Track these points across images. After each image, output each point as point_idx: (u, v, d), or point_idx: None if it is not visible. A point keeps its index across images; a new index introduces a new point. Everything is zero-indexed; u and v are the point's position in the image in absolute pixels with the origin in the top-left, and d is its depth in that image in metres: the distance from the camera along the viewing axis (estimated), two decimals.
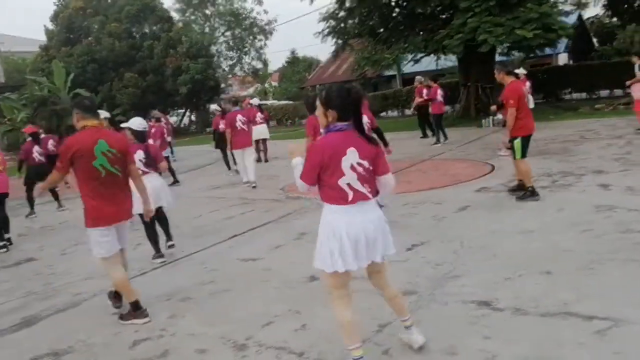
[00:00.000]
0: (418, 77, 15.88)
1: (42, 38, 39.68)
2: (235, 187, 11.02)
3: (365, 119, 5.35)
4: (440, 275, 4.73)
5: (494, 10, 16.50)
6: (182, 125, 39.45)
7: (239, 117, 10.66)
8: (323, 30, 23.84)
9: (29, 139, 10.61)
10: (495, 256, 5.03)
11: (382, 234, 3.23)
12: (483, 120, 17.21)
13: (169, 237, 6.61)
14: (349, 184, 3.12)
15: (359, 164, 3.14)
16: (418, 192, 8.37)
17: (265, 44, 42.55)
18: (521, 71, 14.74)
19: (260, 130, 14.24)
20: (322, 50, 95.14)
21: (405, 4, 19.57)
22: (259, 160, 13.84)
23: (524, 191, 7.04)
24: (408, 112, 25.14)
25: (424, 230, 6.21)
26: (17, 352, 4.25)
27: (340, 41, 23.75)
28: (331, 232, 3.13)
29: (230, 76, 43.39)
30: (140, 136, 6.31)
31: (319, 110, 3.24)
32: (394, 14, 20.45)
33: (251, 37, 41.87)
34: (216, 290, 5.10)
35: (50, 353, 4.13)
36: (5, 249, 7.80)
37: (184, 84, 33.93)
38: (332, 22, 23.21)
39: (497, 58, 20.97)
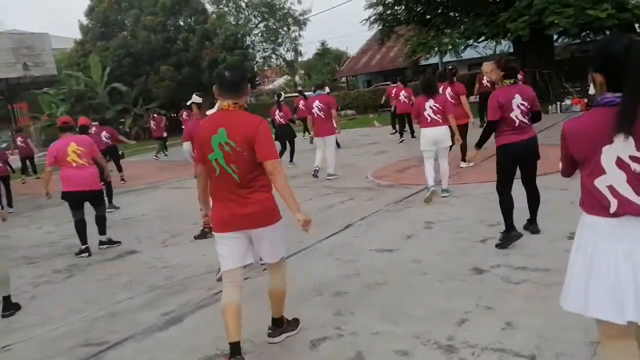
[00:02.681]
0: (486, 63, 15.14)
1: (71, 35, 39.62)
2: (311, 176, 10.45)
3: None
4: None
5: None
6: None
7: (317, 103, 10.15)
8: (370, 18, 23.36)
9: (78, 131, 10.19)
10: None
11: None
12: (550, 107, 16.51)
13: None
14: (611, 187, 2.21)
15: (634, 159, 2.16)
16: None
17: (299, 35, 42.00)
18: None
19: None
20: (351, 42, 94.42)
21: None
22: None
23: None
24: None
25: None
26: (181, 352, 3.82)
27: (386, 28, 23.26)
28: (586, 258, 2.26)
29: (266, 68, 42.94)
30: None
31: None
32: None
33: (285, 28, 41.33)
34: (369, 284, 4.62)
35: (220, 354, 3.69)
36: (87, 254, 6.85)
37: None
38: (380, 9, 22.70)
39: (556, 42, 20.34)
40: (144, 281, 5.52)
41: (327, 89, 13.45)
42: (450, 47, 18.03)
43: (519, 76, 13.62)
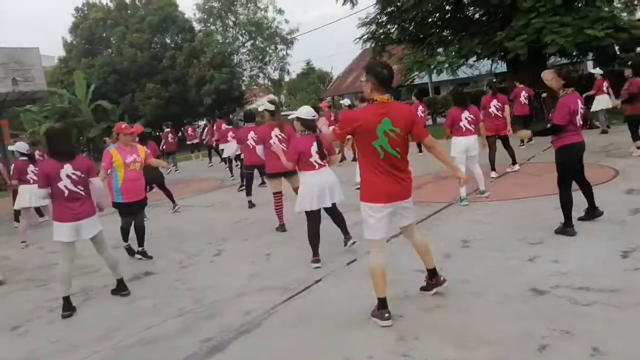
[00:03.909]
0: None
1: (51, 53, 38.97)
2: None
3: None
4: None
5: (559, 10, 15.87)
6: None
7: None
8: (362, 36, 23.32)
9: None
10: None
11: None
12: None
13: (346, 234, 6.16)
14: None
15: None
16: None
17: (287, 54, 41.98)
18: (597, 71, 14.17)
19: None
20: (335, 62, 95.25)
21: (460, 6, 19.01)
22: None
23: None
24: (440, 120, 24.55)
25: (621, 234, 5.48)
26: None
27: (379, 47, 23.24)
28: None
29: (254, 87, 42.76)
30: (310, 126, 5.79)
31: None
32: (446, 17, 19.89)
33: (273, 47, 41.27)
34: (424, 306, 4.33)
35: None
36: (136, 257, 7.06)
37: (209, 94, 33.29)
38: (373, 27, 22.69)
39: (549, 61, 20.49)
40: (171, 304, 5.15)
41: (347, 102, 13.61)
42: (447, 65, 17.99)
43: (527, 94, 13.76)
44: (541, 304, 4.07)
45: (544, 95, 15.13)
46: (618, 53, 37.03)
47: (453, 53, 18.41)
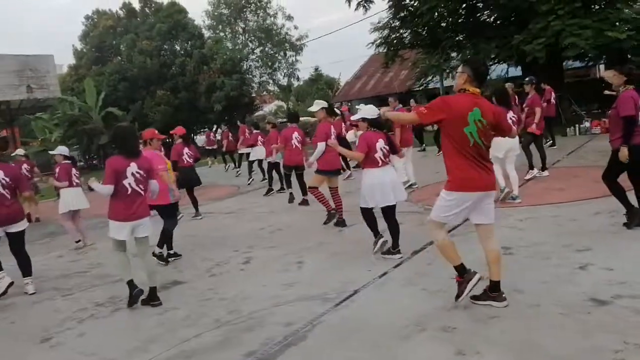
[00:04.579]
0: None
1: (61, 61, 39.06)
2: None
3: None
4: None
5: (578, 13, 15.67)
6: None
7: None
8: (375, 41, 23.21)
9: (179, 140, 9.82)
10: None
11: None
12: (567, 129, 16.24)
13: (397, 246, 5.99)
14: None
15: None
16: (592, 199, 7.40)
17: (296, 60, 41.88)
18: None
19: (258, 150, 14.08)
20: (342, 68, 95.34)
21: (474, 11, 18.84)
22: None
23: None
24: None
25: None
26: None
27: (391, 52, 23.11)
28: None
29: (264, 93, 42.67)
30: (377, 124, 5.80)
31: None
32: (459, 22, 19.72)
33: (282, 53, 41.18)
34: (479, 317, 4.10)
35: None
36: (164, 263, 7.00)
37: (219, 101, 33.19)
38: (386, 32, 22.56)
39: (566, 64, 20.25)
40: (206, 315, 4.95)
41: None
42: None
43: (555, 95, 13.51)
44: (606, 316, 3.84)
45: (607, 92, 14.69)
46: (630, 57, 36.88)
47: (469, 57, 18.21)
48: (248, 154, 15.30)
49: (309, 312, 4.66)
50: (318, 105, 8.27)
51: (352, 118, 6.16)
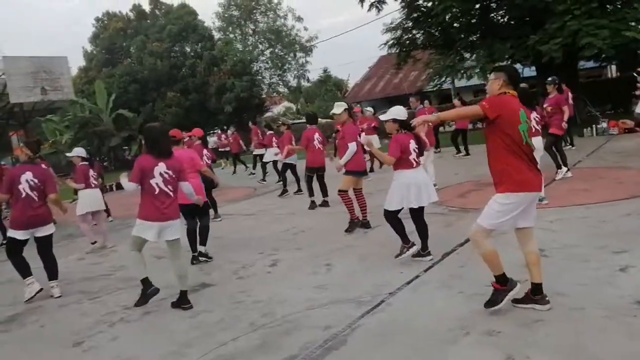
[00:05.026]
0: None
1: (70, 64, 39.14)
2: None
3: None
4: None
5: (594, 13, 15.55)
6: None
7: None
8: (387, 42, 23.14)
9: (198, 142, 9.76)
10: None
11: None
12: (584, 130, 16.11)
13: (426, 247, 5.94)
14: None
15: None
16: (620, 200, 7.32)
17: (306, 61, 41.87)
18: None
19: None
20: (351, 70, 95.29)
21: (488, 11, 18.74)
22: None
23: None
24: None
25: None
26: None
27: (404, 53, 23.04)
28: None
29: (274, 94, 42.69)
30: (406, 125, 5.72)
31: None
32: (472, 22, 19.63)
33: (292, 54, 41.18)
34: (523, 321, 4.02)
35: None
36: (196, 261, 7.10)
37: (229, 102, 33.22)
38: (398, 33, 22.49)
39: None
40: (239, 318, 4.89)
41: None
42: (478, 70, 17.70)
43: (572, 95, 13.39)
44: None
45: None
46: None
47: (484, 58, 18.12)
48: (262, 155, 15.38)
49: (345, 315, 4.60)
50: (340, 107, 8.18)
51: (382, 118, 6.06)
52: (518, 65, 20.15)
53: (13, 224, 6.22)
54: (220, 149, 23.98)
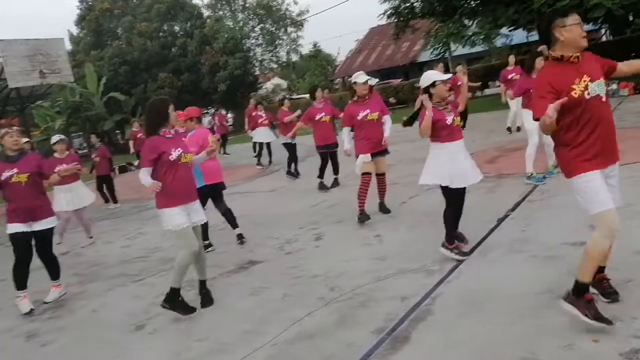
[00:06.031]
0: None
1: None
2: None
3: None
4: None
5: None
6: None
7: None
8: (386, 12, 22.81)
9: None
10: None
11: None
12: None
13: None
14: None
15: None
16: None
17: (298, 36, 41.27)
18: None
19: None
20: (342, 43, 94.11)
21: None
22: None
23: None
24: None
25: None
26: None
27: (402, 22, 22.76)
28: None
29: (267, 71, 42.13)
30: None
31: None
32: None
33: (283, 29, 40.56)
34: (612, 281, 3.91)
35: None
36: (212, 248, 6.64)
37: (223, 80, 32.71)
38: (396, 2, 22.16)
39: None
40: (305, 294, 4.73)
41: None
42: (482, 36, 17.45)
43: None
44: None
45: None
46: (631, 19, 36.45)
47: (487, 24, 17.87)
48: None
49: (419, 284, 4.46)
50: (364, 76, 6.77)
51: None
52: (520, 31, 19.98)
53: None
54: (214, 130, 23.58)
